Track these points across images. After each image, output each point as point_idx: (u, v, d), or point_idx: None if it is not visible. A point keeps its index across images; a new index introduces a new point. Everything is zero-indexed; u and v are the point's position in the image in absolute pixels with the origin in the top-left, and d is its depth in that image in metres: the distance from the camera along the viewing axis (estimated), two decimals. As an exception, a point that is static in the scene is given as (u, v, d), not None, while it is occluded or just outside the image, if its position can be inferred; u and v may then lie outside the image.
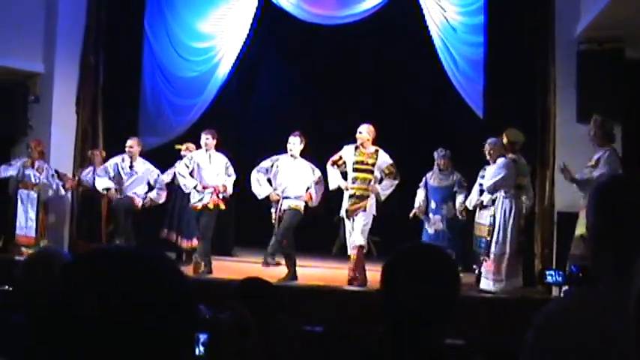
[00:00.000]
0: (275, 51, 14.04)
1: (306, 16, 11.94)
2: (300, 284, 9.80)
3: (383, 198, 9.84)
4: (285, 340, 2.78)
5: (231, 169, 10.61)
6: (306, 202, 10.16)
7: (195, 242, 11.31)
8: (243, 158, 11.28)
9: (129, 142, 11.18)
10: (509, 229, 9.09)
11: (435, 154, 10.79)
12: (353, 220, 9.79)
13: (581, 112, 9.76)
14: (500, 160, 9.18)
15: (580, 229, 8.51)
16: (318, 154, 10.53)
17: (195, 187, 10.41)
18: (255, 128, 13.28)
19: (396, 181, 9.84)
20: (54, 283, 1.31)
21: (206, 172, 10.48)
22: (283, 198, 10.07)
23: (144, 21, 12.92)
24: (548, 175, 10.03)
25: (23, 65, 12.36)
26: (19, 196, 11.70)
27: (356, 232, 9.68)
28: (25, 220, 11.68)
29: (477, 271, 9.71)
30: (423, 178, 10.88)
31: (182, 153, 11.51)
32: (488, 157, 9.68)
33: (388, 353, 2.25)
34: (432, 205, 10.73)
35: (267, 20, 12.24)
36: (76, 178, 11.88)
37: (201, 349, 1.80)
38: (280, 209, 10.05)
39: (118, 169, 11.20)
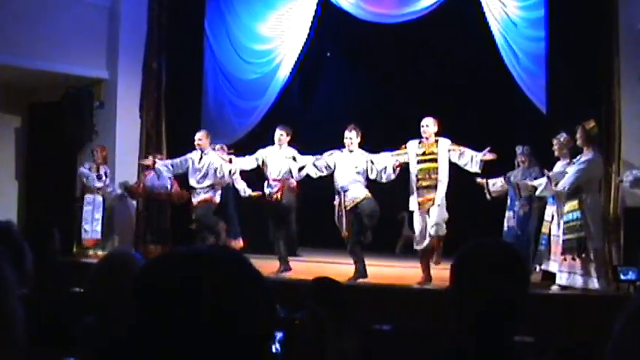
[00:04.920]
0: (335, 52, 14.04)
1: (366, 15, 11.92)
2: (367, 283, 9.80)
3: (478, 167, 9.59)
4: (357, 338, 2.80)
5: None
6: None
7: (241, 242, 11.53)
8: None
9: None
10: (595, 226, 8.92)
11: (517, 151, 10.37)
12: (426, 213, 9.70)
13: (647, 106, 9.57)
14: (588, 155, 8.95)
15: None
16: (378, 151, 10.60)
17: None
18: (316, 129, 13.31)
19: (472, 150, 9.65)
20: (132, 285, 1.33)
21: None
22: (344, 191, 9.94)
23: (204, 24, 13.04)
24: (615, 170, 9.83)
25: (88, 72, 12.63)
26: (85, 200, 11.97)
27: (430, 224, 9.61)
28: (91, 224, 11.94)
29: (537, 269, 9.61)
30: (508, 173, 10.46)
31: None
32: (557, 154, 9.46)
33: (457, 351, 2.25)
34: (508, 201, 10.35)
35: (327, 21, 12.24)
36: (141, 184, 12.03)
37: (278, 347, 1.82)
38: (344, 203, 9.96)
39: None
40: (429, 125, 9.73)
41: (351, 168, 9.95)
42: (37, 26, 11.78)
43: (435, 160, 9.69)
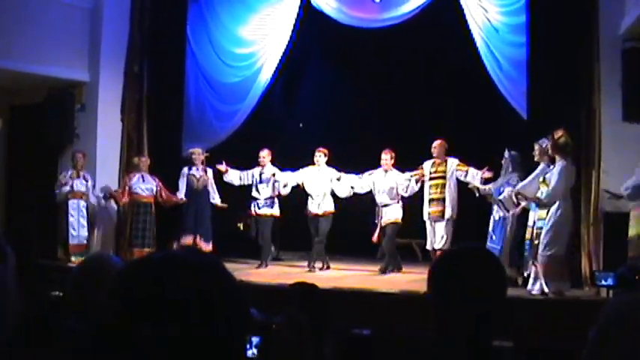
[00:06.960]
0: (317, 55, 14.05)
1: (348, 19, 11.94)
2: (347, 287, 9.81)
3: (480, 183, 10.68)
4: (337, 343, 2.80)
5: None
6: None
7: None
8: (287, 163, 11.44)
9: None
10: (560, 234, 9.00)
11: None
12: (434, 222, 10.98)
13: (627, 111, 9.60)
14: (561, 164, 9.06)
15: (634, 229, 8.44)
16: (361, 156, 10.69)
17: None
18: (298, 133, 13.33)
19: (475, 169, 10.81)
20: (110, 289, 1.34)
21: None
22: (382, 206, 11.34)
23: (186, 28, 13.01)
24: (594, 176, 9.87)
25: (69, 74, 12.54)
26: (69, 206, 11.87)
27: (437, 237, 10.86)
28: (77, 229, 11.86)
29: (525, 274, 9.67)
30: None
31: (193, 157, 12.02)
32: (537, 158, 9.52)
33: (437, 355, 2.26)
34: None
35: (309, 25, 12.23)
36: (126, 187, 11.95)
37: (255, 351, 1.82)
38: (381, 217, 11.33)
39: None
40: (435, 147, 11.06)
41: (388, 186, 11.32)
42: (19, 28, 11.69)
43: (444, 178, 11.03)
